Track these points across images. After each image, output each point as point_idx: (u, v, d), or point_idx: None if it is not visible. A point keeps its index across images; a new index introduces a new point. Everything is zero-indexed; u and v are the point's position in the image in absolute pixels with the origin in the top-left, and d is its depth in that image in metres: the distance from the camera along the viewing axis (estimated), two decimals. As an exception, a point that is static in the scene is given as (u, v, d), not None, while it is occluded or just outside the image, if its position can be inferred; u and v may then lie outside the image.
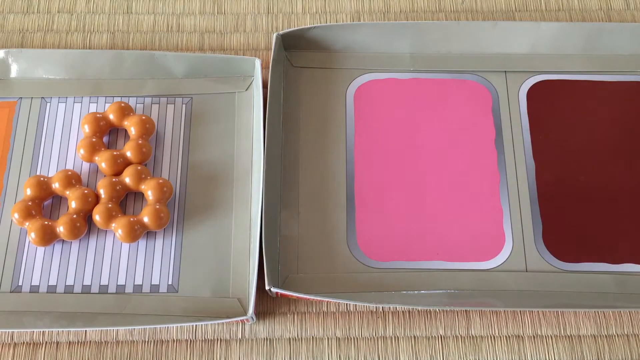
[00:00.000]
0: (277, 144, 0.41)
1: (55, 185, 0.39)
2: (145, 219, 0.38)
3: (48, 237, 0.38)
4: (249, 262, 0.38)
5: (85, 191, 0.39)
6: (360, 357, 0.37)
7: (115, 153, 0.40)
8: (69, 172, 0.40)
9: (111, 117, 0.41)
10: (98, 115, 0.41)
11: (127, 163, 0.40)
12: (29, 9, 0.47)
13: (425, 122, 0.42)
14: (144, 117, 0.41)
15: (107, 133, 0.42)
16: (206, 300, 0.38)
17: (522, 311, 0.38)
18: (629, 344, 0.38)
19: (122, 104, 0.42)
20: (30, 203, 0.39)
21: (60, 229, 0.38)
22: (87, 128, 0.41)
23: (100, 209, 0.38)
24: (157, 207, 0.39)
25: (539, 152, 0.41)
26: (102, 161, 0.40)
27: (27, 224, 0.39)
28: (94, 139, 0.41)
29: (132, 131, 0.41)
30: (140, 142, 0.40)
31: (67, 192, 0.39)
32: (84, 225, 0.39)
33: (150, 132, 0.41)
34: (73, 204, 0.39)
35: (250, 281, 0.37)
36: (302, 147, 0.42)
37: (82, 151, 0.40)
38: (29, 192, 0.39)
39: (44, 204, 0.40)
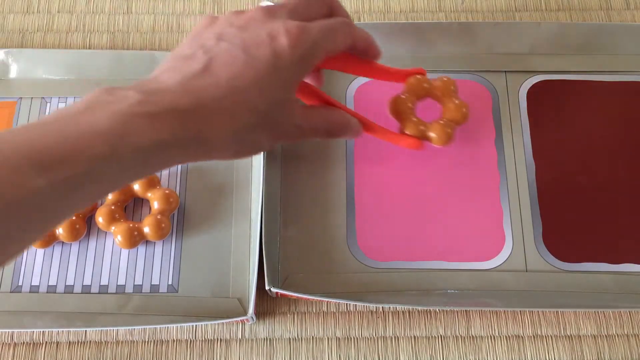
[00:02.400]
0: (277, 144, 0.41)
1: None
2: (146, 229, 0.38)
3: (47, 239, 0.38)
4: (249, 262, 0.38)
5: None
6: (360, 357, 0.37)
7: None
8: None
9: None
10: None
11: None
12: (29, 9, 0.47)
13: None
14: None
15: None
16: (206, 300, 0.38)
17: (522, 311, 0.38)
18: (629, 344, 0.38)
19: None
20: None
21: (60, 230, 0.38)
22: None
23: (103, 211, 0.38)
24: (159, 217, 0.38)
25: (539, 152, 0.41)
26: None
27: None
28: None
29: None
30: None
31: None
32: (83, 227, 0.39)
33: None
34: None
35: (250, 281, 0.37)
36: (302, 147, 0.42)
37: None
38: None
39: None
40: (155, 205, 0.39)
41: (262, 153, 0.38)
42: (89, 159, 0.24)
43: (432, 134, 0.38)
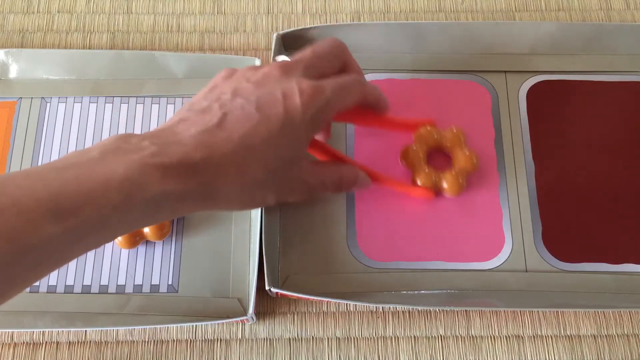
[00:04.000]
0: (277, 144, 0.41)
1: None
2: (146, 230, 0.38)
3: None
4: (249, 262, 0.38)
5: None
6: (360, 357, 0.37)
7: None
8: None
9: None
10: None
11: None
12: (29, 9, 0.47)
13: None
14: None
15: None
16: (206, 300, 0.38)
17: (522, 311, 0.38)
18: (629, 344, 0.38)
19: None
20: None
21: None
22: None
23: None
24: None
25: (539, 152, 0.41)
26: None
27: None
28: None
29: None
30: None
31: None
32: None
33: None
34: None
35: (250, 281, 0.37)
36: (302, 147, 0.42)
37: None
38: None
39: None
40: (155, 205, 0.39)
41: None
42: (102, 207, 0.25)
43: (445, 185, 0.39)
